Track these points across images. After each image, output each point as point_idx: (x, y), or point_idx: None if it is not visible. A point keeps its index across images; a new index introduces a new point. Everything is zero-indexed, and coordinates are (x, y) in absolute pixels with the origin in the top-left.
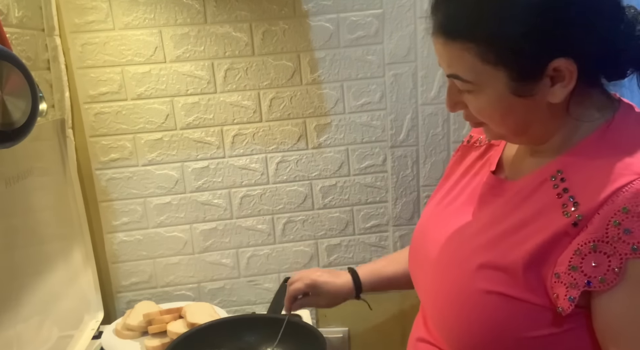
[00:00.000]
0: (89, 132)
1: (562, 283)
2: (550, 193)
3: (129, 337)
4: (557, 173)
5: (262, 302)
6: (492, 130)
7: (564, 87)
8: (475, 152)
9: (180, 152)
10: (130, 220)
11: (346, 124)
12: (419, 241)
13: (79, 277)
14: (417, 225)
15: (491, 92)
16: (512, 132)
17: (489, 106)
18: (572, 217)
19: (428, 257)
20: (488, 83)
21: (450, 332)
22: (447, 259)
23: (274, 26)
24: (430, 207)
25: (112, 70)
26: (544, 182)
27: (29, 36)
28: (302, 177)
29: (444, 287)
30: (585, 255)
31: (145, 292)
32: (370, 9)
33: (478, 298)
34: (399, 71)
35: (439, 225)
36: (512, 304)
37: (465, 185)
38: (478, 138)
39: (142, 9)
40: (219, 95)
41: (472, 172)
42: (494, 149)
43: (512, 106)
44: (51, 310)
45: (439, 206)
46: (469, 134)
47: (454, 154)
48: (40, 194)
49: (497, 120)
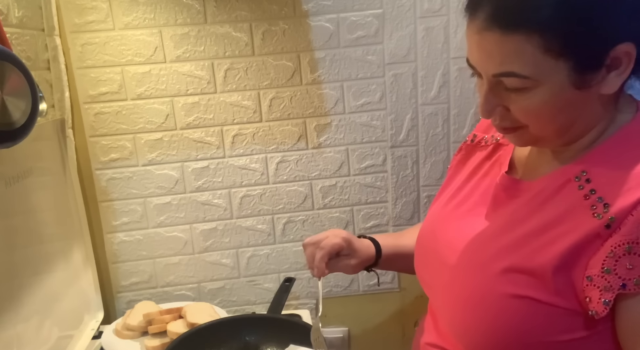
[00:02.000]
0: (89, 132)
1: (595, 286)
2: (576, 194)
3: (129, 337)
4: (582, 174)
5: (262, 302)
6: (529, 134)
7: (619, 76)
8: (482, 152)
9: (180, 152)
10: (130, 220)
11: (346, 124)
12: (428, 243)
13: (79, 277)
14: (423, 226)
15: (549, 86)
16: (556, 131)
17: (542, 103)
18: (605, 219)
19: (443, 261)
20: (547, 77)
21: (472, 337)
22: (466, 262)
23: (274, 26)
24: (438, 208)
25: (112, 70)
26: (568, 183)
27: (29, 36)
28: (302, 177)
29: (465, 292)
30: (620, 258)
31: (145, 292)
32: (370, 9)
33: (503, 302)
34: (399, 71)
35: (450, 227)
36: (539, 308)
37: (475, 186)
38: (483, 137)
39: (142, 9)
40: (219, 95)
41: (481, 173)
42: (503, 149)
43: (568, 101)
44: (51, 310)
45: (448, 207)
46: (473, 133)
47: (457, 153)
48: (40, 194)
49: (546, 119)
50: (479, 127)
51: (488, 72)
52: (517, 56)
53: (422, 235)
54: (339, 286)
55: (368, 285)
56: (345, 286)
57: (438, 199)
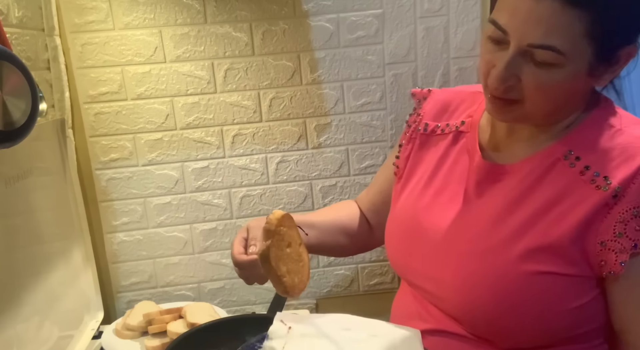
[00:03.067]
0: (89, 132)
1: (610, 249)
2: (569, 172)
3: (129, 337)
4: (569, 153)
5: (262, 302)
6: (522, 110)
7: (613, 73)
8: (443, 141)
9: (180, 152)
10: (130, 220)
11: (346, 124)
12: (413, 233)
13: (79, 277)
14: (399, 217)
15: (571, 68)
16: (548, 112)
17: (557, 82)
18: (611, 190)
19: (440, 249)
20: (575, 59)
21: (484, 316)
22: (475, 248)
23: (274, 26)
24: (412, 198)
25: (112, 70)
26: (557, 162)
27: (29, 36)
28: (302, 177)
29: (476, 275)
30: (628, 222)
31: (145, 292)
32: (370, 9)
33: (523, 280)
34: (399, 71)
35: (437, 216)
36: (557, 279)
37: (448, 174)
38: (436, 125)
39: (142, 9)
40: (219, 95)
41: (450, 161)
42: (465, 136)
43: (574, 85)
44: (51, 310)
45: (425, 197)
46: (423, 122)
47: (407, 143)
48: (40, 194)
49: (549, 98)
50: (425, 115)
51: (525, 40)
52: (564, 31)
53: (402, 226)
54: (339, 286)
55: (368, 285)
56: (345, 286)
57: (405, 189)
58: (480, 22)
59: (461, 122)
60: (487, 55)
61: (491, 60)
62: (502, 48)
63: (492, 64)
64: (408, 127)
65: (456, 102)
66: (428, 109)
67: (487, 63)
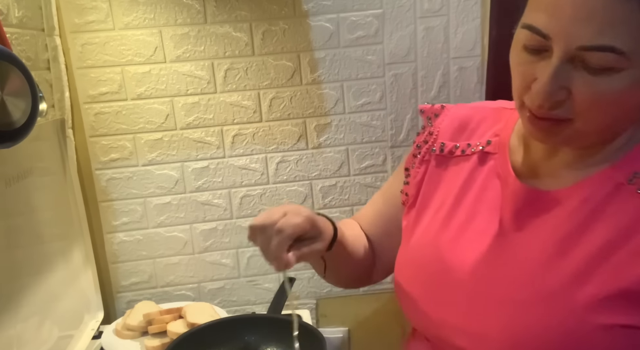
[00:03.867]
0: (89, 132)
1: None
2: (638, 198)
3: (129, 337)
4: (634, 175)
5: (262, 302)
6: (572, 129)
7: None
8: (466, 163)
9: (180, 152)
10: (130, 220)
11: (346, 124)
12: (437, 276)
13: (79, 277)
14: (413, 256)
15: (632, 72)
16: (601, 128)
17: (617, 93)
18: None
19: (476, 297)
20: (638, 58)
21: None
22: (522, 295)
23: (274, 26)
24: (431, 232)
25: (112, 70)
26: (619, 188)
27: (29, 36)
28: (302, 177)
29: (531, 331)
30: None
31: (145, 292)
32: (370, 9)
33: (596, 337)
34: (399, 71)
35: (465, 253)
36: (635, 334)
37: (476, 202)
38: (454, 146)
39: (142, 9)
40: (219, 95)
41: (476, 187)
42: (493, 158)
43: (633, 94)
44: (51, 310)
45: (448, 230)
46: (439, 141)
47: (419, 165)
48: (40, 194)
49: (607, 113)
50: (441, 133)
51: (574, 42)
52: (623, 26)
53: (421, 266)
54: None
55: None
56: None
57: (421, 221)
58: (480, 22)
59: (487, 142)
60: (523, 67)
61: (530, 73)
62: (542, 57)
63: (531, 77)
64: (417, 148)
65: (476, 119)
66: (444, 127)
67: (525, 76)
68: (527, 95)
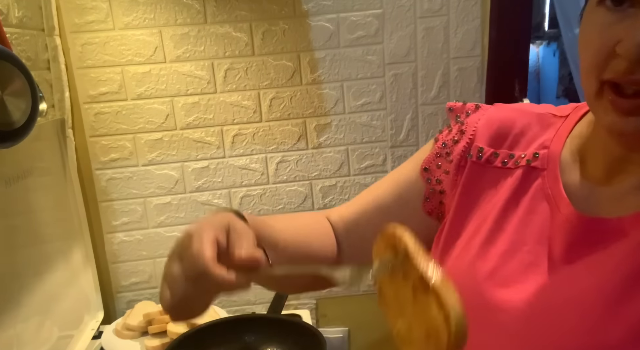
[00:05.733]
0: (89, 132)
1: None
2: None
3: (129, 337)
4: None
5: (262, 302)
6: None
7: None
8: (509, 179)
9: (180, 152)
10: (130, 220)
11: (346, 124)
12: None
13: (79, 277)
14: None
15: None
16: None
17: None
18: None
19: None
20: None
21: None
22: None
23: (274, 26)
24: (466, 259)
25: (112, 70)
26: None
27: (29, 36)
28: (302, 177)
29: None
30: None
31: (145, 292)
32: (370, 9)
33: None
34: (399, 71)
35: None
36: None
37: (520, 229)
38: (492, 153)
39: (142, 9)
40: (219, 95)
41: (521, 210)
42: (541, 175)
43: None
44: (51, 310)
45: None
46: (476, 145)
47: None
48: (40, 194)
49: None
50: (478, 135)
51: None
52: None
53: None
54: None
55: (368, 285)
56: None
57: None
58: (480, 22)
59: (533, 155)
60: (600, 32)
61: (610, 37)
62: (626, 14)
63: (614, 40)
64: (443, 147)
65: (520, 124)
66: (481, 128)
67: (605, 42)
68: (609, 66)
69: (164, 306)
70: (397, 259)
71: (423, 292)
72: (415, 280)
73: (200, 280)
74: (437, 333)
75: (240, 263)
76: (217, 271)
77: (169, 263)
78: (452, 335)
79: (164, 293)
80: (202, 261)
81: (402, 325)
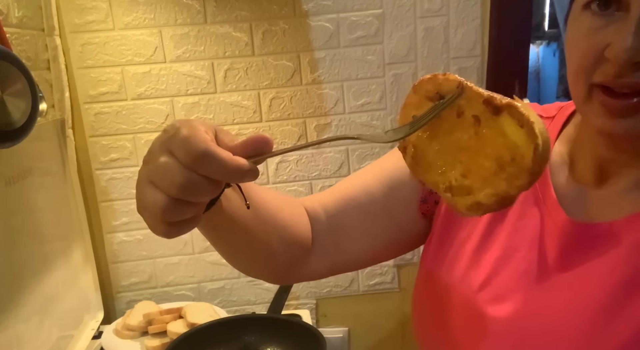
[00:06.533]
0: (89, 132)
1: None
2: None
3: (129, 337)
4: None
5: (262, 302)
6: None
7: None
8: None
9: None
10: (130, 220)
11: (346, 124)
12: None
13: (79, 277)
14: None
15: None
16: None
17: None
18: None
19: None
20: None
21: None
22: None
23: (274, 26)
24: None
25: (112, 70)
26: None
27: (29, 36)
28: (302, 177)
29: None
30: None
31: (145, 292)
32: (370, 9)
33: None
34: (399, 71)
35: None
36: None
37: (512, 235)
38: None
39: (142, 9)
40: (219, 95)
41: (512, 214)
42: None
43: None
44: (51, 310)
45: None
46: None
47: None
48: (40, 194)
49: None
50: None
51: None
52: None
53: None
54: (339, 286)
55: (368, 285)
56: (345, 286)
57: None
58: (480, 22)
59: None
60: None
61: (598, 41)
62: (613, 19)
63: (602, 44)
64: None
65: None
66: None
67: (593, 45)
68: (598, 70)
69: (151, 212)
70: (448, 98)
71: (491, 118)
72: (478, 109)
73: (198, 169)
74: (515, 155)
75: (240, 150)
76: (220, 151)
77: (153, 159)
78: (540, 146)
79: (148, 195)
80: (202, 143)
81: (453, 175)
